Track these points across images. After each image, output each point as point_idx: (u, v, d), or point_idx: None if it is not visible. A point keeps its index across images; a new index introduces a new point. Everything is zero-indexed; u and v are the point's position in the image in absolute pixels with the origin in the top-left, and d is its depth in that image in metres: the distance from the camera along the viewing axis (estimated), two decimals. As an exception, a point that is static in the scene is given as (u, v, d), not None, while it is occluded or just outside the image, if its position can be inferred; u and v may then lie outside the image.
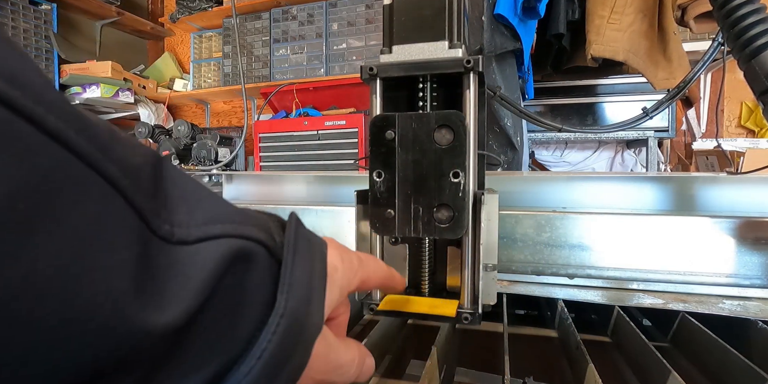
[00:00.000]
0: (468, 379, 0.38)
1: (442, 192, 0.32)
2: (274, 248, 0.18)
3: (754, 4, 0.46)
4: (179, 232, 0.14)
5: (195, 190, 0.16)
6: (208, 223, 0.15)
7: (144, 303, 0.13)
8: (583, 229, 0.53)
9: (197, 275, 0.14)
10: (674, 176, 0.65)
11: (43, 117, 0.11)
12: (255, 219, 0.18)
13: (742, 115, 1.99)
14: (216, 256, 0.15)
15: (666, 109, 0.92)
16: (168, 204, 0.15)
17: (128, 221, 0.13)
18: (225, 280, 0.15)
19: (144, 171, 0.14)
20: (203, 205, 0.16)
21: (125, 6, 2.65)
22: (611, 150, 1.93)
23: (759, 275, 0.48)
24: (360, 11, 2.17)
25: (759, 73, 0.45)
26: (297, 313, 0.17)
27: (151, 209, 0.14)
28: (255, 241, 0.17)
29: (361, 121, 1.87)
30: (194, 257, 0.14)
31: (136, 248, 0.13)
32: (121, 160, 0.13)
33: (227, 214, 0.16)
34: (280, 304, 0.17)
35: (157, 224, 0.14)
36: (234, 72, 2.50)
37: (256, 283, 0.16)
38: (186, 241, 0.15)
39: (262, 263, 0.17)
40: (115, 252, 0.12)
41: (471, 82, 0.33)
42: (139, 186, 0.14)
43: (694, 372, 0.39)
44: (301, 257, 0.18)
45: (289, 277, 0.17)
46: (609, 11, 1.10)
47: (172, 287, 0.14)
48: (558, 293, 0.50)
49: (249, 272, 0.16)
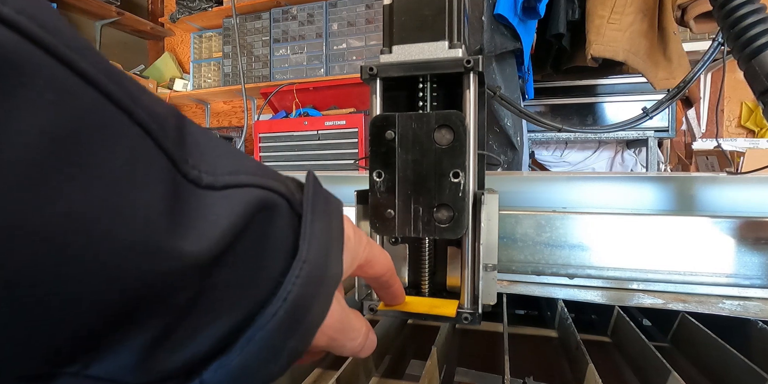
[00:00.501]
0: (468, 379, 0.38)
1: (442, 192, 0.32)
2: (294, 203, 0.18)
3: (754, 4, 0.46)
4: (207, 178, 0.15)
5: (218, 143, 0.17)
6: (233, 173, 0.16)
7: (176, 234, 0.13)
8: (583, 229, 0.53)
9: (226, 217, 0.15)
10: (674, 176, 0.65)
11: (78, 61, 0.12)
12: (276, 174, 0.19)
13: (742, 115, 1.99)
14: (244, 201, 0.16)
15: (666, 109, 0.93)
16: (194, 152, 0.15)
17: (160, 162, 0.14)
18: (251, 226, 0.16)
19: (169, 119, 0.15)
20: (228, 157, 0.17)
21: (125, 6, 2.65)
22: (611, 150, 1.93)
23: (759, 275, 0.48)
24: (360, 11, 2.17)
25: (759, 73, 0.45)
26: (318, 261, 0.18)
27: (180, 154, 0.14)
28: (278, 193, 0.18)
29: (361, 121, 1.87)
30: (223, 201, 0.15)
31: (168, 187, 0.14)
32: (149, 108, 0.14)
33: (251, 167, 0.17)
34: (302, 251, 0.17)
35: (185, 169, 0.15)
36: (234, 72, 2.50)
37: (279, 232, 0.17)
38: (214, 186, 0.15)
39: (284, 215, 0.18)
40: (149, 189, 0.13)
41: (471, 82, 0.33)
42: (167, 132, 0.14)
43: (694, 372, 0.39)
44: (320, 212, 0.19)
45: (309, 229, 0.18)
46: (609, 11, 1.10)
47: (202, 225, 0.14)
48: (558, 293, 0.50)
49: (273, 221, 0.17)
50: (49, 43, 0.11)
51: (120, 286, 0.13)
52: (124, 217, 0.12)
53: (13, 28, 0.10)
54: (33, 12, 0.11)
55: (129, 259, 0.12)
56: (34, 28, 0.11)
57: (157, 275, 0.13)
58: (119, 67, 2.30)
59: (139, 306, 0.13)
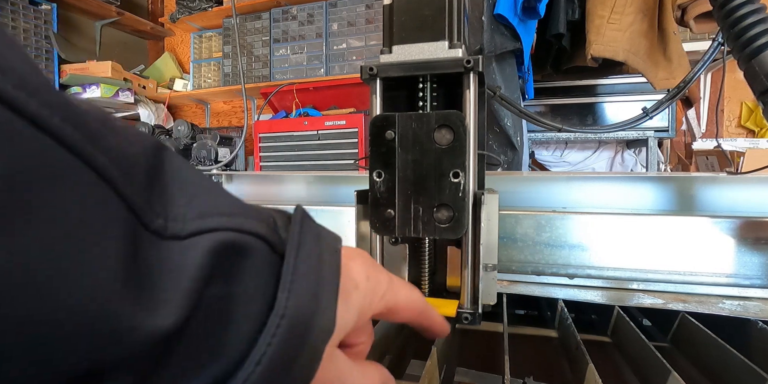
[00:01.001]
0: (468, 379, 0.38)
1: (442, 192, 0.32)
2: (276, 243, 0.16)
3: (754, 4, 0.46)
4: (173, 226, 0.14)
5: (196, 182, 0.15)
6: (204, 216, 0.14)
7: (133, 304, 0.12)
8: (583, 229, 0.53)
9: (187, 273, 0.13)
10: (674, 176, 0.65)
11: (25, 102, 0.11)
12: (257, 212, 0.16)
13: (742, 115, 1.99)
14: (207, 249, 0.14)
15: (666, 109, 0.93)
16: (165, 196, 0.14)
17: (117, 214, 0.12)
18: (217, 278, 0.14)
19: (139, 161, 0.14)
20: (203, 198, 0.15)
21: (125, 6, 2.65)
22: (611, 150, 1.93)
23: (759, 275, 0.48)
24: (360, 11, 2.17)
25: (759, 73, 0.45)
26: (300, 313, 0.15)
27: (144, 201, 0.13)
28: (253, 234, 0.15)
29: (361, 121, 1.87)
30: (185, 253, 0.13)
31: (125, 243, 0.12)
32: (112, 149, 0.13)
33: (226, 206, 0.15)
34: (281, 303, 0.15)
35: (149, 218, 0.13)
36: (234, 72, 2.50)
37: (254, 281, 0.15)
38: (179, 235, 0.14)
39: (261, 259, 0.15)
40: (102, 246, 0.12)
41: (471, 82, 0.33)
42: (132, 177, 0.13)
43: (694, 372, 0.39)
44: (306, 251, 0.16)
45: (291, 274, 0.16)
46: (609, 11, 1.10)
47: (163, 287, 0.13)
48: (558, 293, 0.50)
49: (245, 269, 0.15)
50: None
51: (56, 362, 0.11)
52: (68, 279, 0.11)
53: None
54: None
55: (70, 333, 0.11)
56: None
57: (106, 354, 0.12)
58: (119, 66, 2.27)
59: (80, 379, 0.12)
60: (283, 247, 0.16)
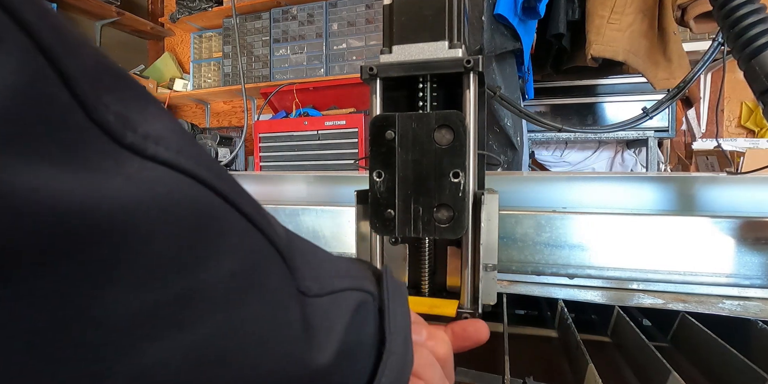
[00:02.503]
0: (468, 379, 0.38)
1: (442, 192, 0.32)
2: (375, 296, 0.21)
3: (754, 4, 0.46)
4: (313, 288, 0.17)
5: (312, 247, 0.19)
6: (332, 278, 0.19)
7: (310, 345, 0.16)
8: (583, 229, 0.53)
9: (339, 320, 0.18)
10: (674, 176, 0.65)
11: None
12: (363, 272, 0.22)
13: (742, 115, 1.99)
14: (349, 307, 0.19)
15: (666, 109, 0.93)
16: (301, 268, 0.17)
17: (290, 287, 0.16)
18: (354, 324, 0.19)
19: (297, 245, 0.17)
20: (324, 261, 0.19)
21: (125, 6, 2.65)
22: (611, 150, 1.93)
23: (759, 275, 0.48)
24: (360, 11, 2.16)
25: (759, 73, 0.45)
26: (400, 351, 0.20)
27: (293, 265, 0.17)
28: (368, 292, 0.21)
29: (361, 121, 1.87)
30: (331, 308, 0.18)
31: (297, 305, 0.16)
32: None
33: (344, 269, 0.20)
34: (390, 344, 0.20)
35: (298, 280, 0.17)
36: (234, 72, 2.50)
37: (370, 326, 0.20)
38: (320, 294, 0.17)
39: (372, 310, 0.21)
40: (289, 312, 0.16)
41: (471, 82, 0.33)
42: (293, 255, 0.17)
43: (694, 372, 0.39)
44: (398, 306, 0.22)
45: (391, 323, 0.21)
46: (609, 11, 1.10)
47: (323, 335, 0.17)
48: (558, 293, 0.50)
49: (367, 317, 0.20)
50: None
51: None
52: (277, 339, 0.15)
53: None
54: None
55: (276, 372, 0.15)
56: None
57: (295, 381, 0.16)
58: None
59: None
60: (378, 298, 0.21)
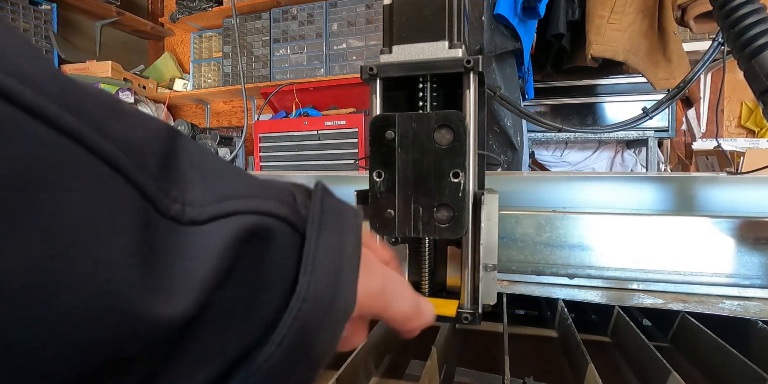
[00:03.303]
0: (468, 379, 0.38)
1: (442, 192, 0.32)
2: (297, 222, 0.16)
3: (754, 4, 0.46)
4: (191, 211, 0.13)
5: (212, 165, 0.15)
6: (223, 199, 0.14)
7: (151, 293, 0.12)
8: (583, 229, 0.53)
9: (207, 259, 0.13)
10: (674, 176, 0.65)
11: (20, 94, 0.10)
12: (277, 192, 0.16)
13: (742, 115, 1.99)
14: (227, 235, 0.14)
15: (666, 109, 0.93)
16: (180, 181, 0.14)
17: (130, 202, 0.12)
18: (240, 263, 0.14)
19: (151, 146, 0.13)
20: (220, 180, 0.15)
21: (125, 6, 2.65)
22: (611, 150, 1.93)
23: (759, 275, 0.48)
24: (360, 11, 2.16)
25: (759, 73, 0.45)
26: (321, 296, 0.15)
27: (159, 188, 0.13)
28: (274, 216, 0.15)
29: (361, 121, 1.87)
30: (205, 238, 0.13)
31: (141, 231, 0.12)
32: (120, 136, 0.12)
33: (246, 188, 0.15)
34: (302, 287, 0.15)
35: (165, 204, 0.13)
36: (234, 72, 2.50)
37: (276, 263, 0.15)
38: (197, 220, 0.13)
39: (283, 240, 0.15)
40: (117, 236, 0.11)
41: (471, 82, 0.33)
42: (143, 163, 0.13)
43: (694, 372, 0.39)
44: (328, 232, 0.16)
45: (312, 257, 0.16)
46: (609, 11, 1.10)
47: (181, 274, 0.13)
48: (558, 293, 0.50)
49: (268, 252, 0.15)
50: None
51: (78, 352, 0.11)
52: (83, 272, 0.11)
53: None
54: None
55: (89, 323, 0.11)
56: None
57: (126, 343, 0.12)
58: (119, 66, 2.26)
59: (101, 368, 0.12)
60: (304, 226, 0.16)
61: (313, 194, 0.18)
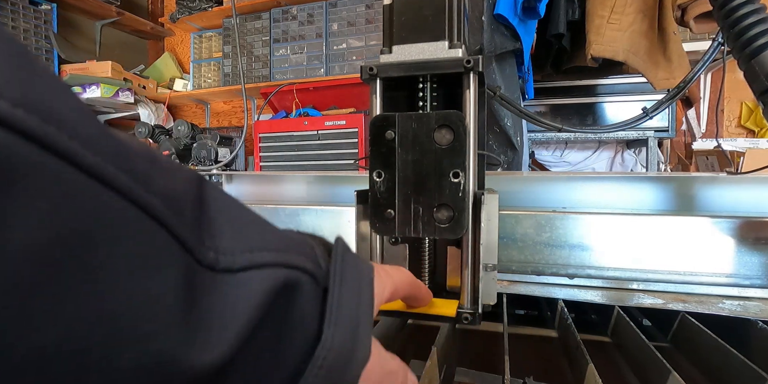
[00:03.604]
0: (468, 379, 0.38)
1: (442, 192, 0.32)
2: (320, 276, 0.17)
3: (754, 4, 0.46)
4: (224, 259, 0.14)
5: (240, 214, 0.16)
6: (254, 250, 0.15)
7: (192, 345, 0.12)
8: (583, 229, 0.53)
9: (243, 307, 0.14)
10: (674, 176, 0.65)
11: (82, 154, 0.10)
12: (300, 245, 0.17)
13: (742, 115, 1.99)
14: (262, 287, 0.14)
15: (666, 109, 0.92)
16: (212, 229, 0.14)
17: (174, 255, 0.13)
18: (271, 312, 0.15)
19: (187, 198, 0.14)
20: (248, 231, 0.15)
21: (125, 6, 2.65)
22: (611, 150, 1.92)
23: (759, 275, 0.48)
24: (360, 11, 2.16)
25: (759, 73, 0.45)
26: (344, 347, 0.16)
27: (196, 238, 0.13)
28: (301, 270, 0.16)
29: (361, 121, 1.87)
30: (240, 287, 0.14)
31: (183, 282, 0.13)
32: (163, 190, 0.13)
33: (273, 240, 0.16)
34: (327, 338, 0.16)
35: (202, 253, 0.13)
36: (234, 72, 2.50)
37: (302, 313, 0.16)
38: (231, 269, 0.14)
39: (307, 293, 0.16)
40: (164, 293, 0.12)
41: (471, 82, 0.33)
42: (183, 215, 0.13)
43: (694, 372, 0.39)
44: (347, 288, 0.17)
45: (336, 310, 0.17)
46: (609, 11, 1.10)
47: (219, 322, 0.13)
48: (558, 293, 0.50)
49: (295, 303, 0.16)
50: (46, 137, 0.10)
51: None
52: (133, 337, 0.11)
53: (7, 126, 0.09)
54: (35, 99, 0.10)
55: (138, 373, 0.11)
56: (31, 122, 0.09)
57: None
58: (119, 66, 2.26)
59: None
60: (325, 280, 0.17)
61: (334, 249, 0.19)
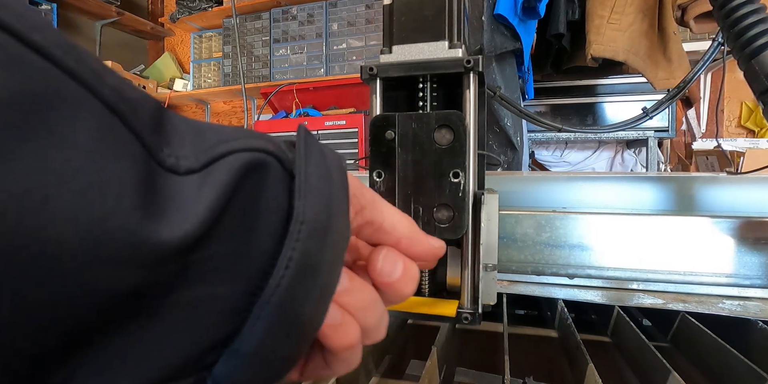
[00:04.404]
0: (468, 379, 0.38)
1: (442, 192, 0.32)
2: (285, 161, 0.16)
3: (754, 4, 0.46)
4: (185, 162, 0.13)
5: (198, 125, 0.15)
6: (215, 145, 0.14)
7: (153, 219, 0.12)
8: (583, 229, 0.53)
9: (209, 192, 0.13)
10: (674, 176, 0.65)
11: (27, 33, 0.10)
12: (263, 135, 0.17)
13: (742, 115, 1.99)
14: (228, 170, 0.14)
15: (666, 109, 0.93)
16: (173, 140, 0.14)
17: (130, 146, 0.12)
18: (237, 196, 0.14)
19: (143, 106, 0.13)
20: (207, 134, 0.15)
21: (125, 6, 2.65)
22: (611, 150, 1.93)
23: (759, 275, 0.48)
24: (360, 11, 2.16)
25: (759, 73, 0.45)
26: (318, 219, 0.16)
27: (154, 141, 0.13)
28: (264, 151, 0.16)
29: (361, 121, 1.87)
30: (205, 179, 0.14)
31: (141, 171, 0.12)
32: (117, 88, 0.12)
33: (231, 133, 0.15)
34: (299, 210, 0.15)
35: (161, 157, 0.13)
36: (234, 72, 2.50)
37: (271, 194, 0.15)
38: (193, 169, 0.14)
39: (275, 174, 0.16)
40: (119, 170, 0.11)
41: (471, 82, 0.33)
42: (139, 116, 0.13)
43: (694, 372, 0.39)
44: (314, 166, 0.17)
45: (304, 184, 0.16)
46: (609, 11, 1.10)
47: (183, 206, 0.13)
48: (558, 293, 0.50)
49: (263, 184, 0.15)
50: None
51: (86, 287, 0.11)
52: (86, 202, 0.11)
53: None
54: None
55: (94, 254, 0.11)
56: None
57: (132, 267, 0.11)
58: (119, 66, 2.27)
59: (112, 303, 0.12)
60: (290, 164, 0.17)
61: (297, 134, 0.18)
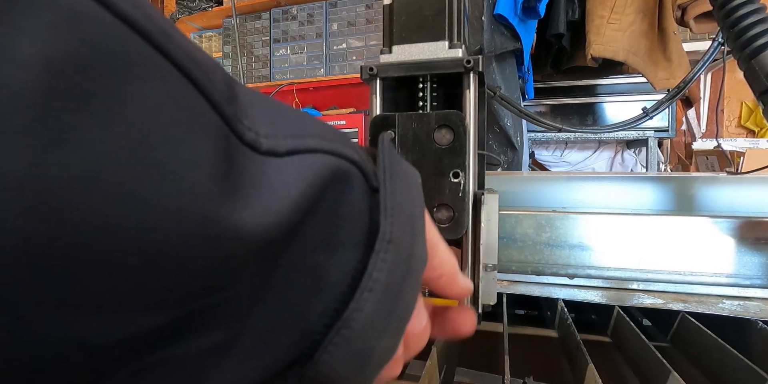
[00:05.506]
0: (468, 379, 0.38)
1: (442, 192, 0.32)
2: (368, 173, 0.15)
3: (754, 4, 0.46)
4: (267, 142, 0.12)
5: (276, 104, 0.14)
6: (298, 136, 0.13)
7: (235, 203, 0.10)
8: (583, 229, 0.53)
9: (295, 187, 0.12)
10: (674, 176, 0.65)
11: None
12: (345, 137, 0.15)
13: (742, 115, 1.99)
14: (315, 169, 0.12)
15: (666, 109, 0.93)
16: (250, 112, 0.12)
17: (207, 115, 0.10)
18: (323, 199, 0.13)
19: (214, 70, 0.12)
20: (290, 118, 0.13)
21: (125, 6, 2.65)
22: (611, 150, 1.93)
23: (759, 275, 0.48)
24: (360, 11, 2.16)
25: (759, 73, 0.45)
26: (403, 240, 0.14)
27: (232, 111, 0.11)
28: (350, 161, 0.14)
29: (361, 121, 1.87)
30: (289, 168, 0.12)
31: (220, 147, 0.10)
32: (187, 50, 0.11)
33: (317, 127, 0.14)
34: (386, 229, 0.14)
35: (240, 129, 0.11)
36: (234, 72, 2.50)
37: (354, 208, 0.14)
38: (276, 151, 0.12)
39: (358, 187, 0.14)
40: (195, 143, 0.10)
41: (471, 82, 0.33)
42: (214, 83, 0.11)
43: (694, 372, 0.39)
44: (400, 184, 0.15)
45: (390, 203, 0.14)
46: (609, 11, 1.10)
47: (267, 195, 0.11)
48: (558, 293, 0.50)
49: (346, 195, 0.14)
50: None
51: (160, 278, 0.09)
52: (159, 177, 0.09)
53: None
54: None
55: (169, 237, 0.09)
56: None
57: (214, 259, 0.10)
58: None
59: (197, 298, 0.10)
60: (373, 177, 0.15)
61: (379, 147, 0.16)
